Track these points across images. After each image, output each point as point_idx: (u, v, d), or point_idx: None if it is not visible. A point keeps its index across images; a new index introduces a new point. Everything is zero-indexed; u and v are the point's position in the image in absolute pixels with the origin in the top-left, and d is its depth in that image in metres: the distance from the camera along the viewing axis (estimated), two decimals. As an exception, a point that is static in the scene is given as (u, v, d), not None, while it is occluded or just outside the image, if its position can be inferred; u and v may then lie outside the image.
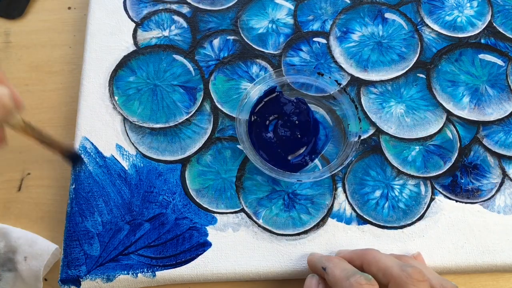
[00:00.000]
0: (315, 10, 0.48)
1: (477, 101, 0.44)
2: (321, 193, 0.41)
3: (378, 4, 0.48)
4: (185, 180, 0.41)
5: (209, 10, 0.48)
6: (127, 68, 0.45)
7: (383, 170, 0.41)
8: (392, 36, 0.47)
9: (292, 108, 0.42)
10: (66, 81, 0.46)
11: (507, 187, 0.41)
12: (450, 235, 0.39)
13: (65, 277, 0.37)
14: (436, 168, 0.42)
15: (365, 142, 0.42)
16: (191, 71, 0.45)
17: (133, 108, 0.43)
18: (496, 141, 0.43)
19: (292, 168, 0.40)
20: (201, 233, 0.39)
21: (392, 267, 0.31)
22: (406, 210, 0.40)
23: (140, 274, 0.38)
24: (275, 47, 0.46)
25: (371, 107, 0.44)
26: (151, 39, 0.46)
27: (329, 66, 0.45)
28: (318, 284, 0.34)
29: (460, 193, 0.41)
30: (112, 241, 0.38)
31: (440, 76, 0.45)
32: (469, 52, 0.46)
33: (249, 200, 0.40)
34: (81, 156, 0.41)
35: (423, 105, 0.44)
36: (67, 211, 0.39)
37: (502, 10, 0.48)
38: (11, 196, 0.42)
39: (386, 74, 0.45)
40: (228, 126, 0.43)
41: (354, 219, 0.40)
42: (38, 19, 0.49)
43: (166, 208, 0.40)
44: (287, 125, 0.41)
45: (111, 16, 0.47)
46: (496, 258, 0.39)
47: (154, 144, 0.42)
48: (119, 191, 0.40)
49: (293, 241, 0.39)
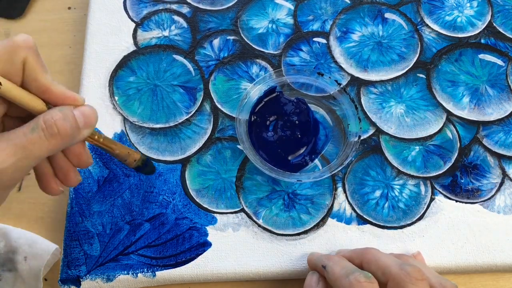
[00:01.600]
0: (315, 10, 0.48)
1: (477, 101, 0.44)
2: (321, 193, 0.41)
3: (378, 4, 0.48)
4: (185, 180, 0.41)
5: (209, 10, 0.48)
6: (127, 68, 0.45)
7: (383, 170, 0.41)
8: (392, 36, 0.47)
9: (292, 108, 0.42)
10: (66, 81, 0.46)
11: (507, 187, 0.41)
12: (450, 235, 0.39)
13: (65, 277, 0.37)
14: (436, 168, 0.42)
15: (365, 142, 0.42)
16: (191, 71, 0.45)
17: (133, 108, 0.43)
18: (496, 141, 0.43)
19: (292, 168, 0.40)
20: (201, 233, 0.39)
21: (391, 266, 0.31)
22: (406, 210, 0.40)
23: (140, 274, 0.38)
24: (275, 47, 0.46)
25: (371, 107, 0.44)
26: (151, 39, 0.46)
27: (329, 66, 0.45)
28: (318, 281, 0.34)
29: (460, 193, 0.41)
30: (112, 241, 0.38)
31: (440, 76, 0.45)
32: (469, 52, 0.46)
33: (249, 200, 0.40)
34: (152, 163, 0.38)
35: (423, 105, 0.44)
36: (67, 211, 0.39)
37: (502, 10, 0.48)
38: (11, 196, 0.42)
39: (386, 74, 0.45)
40: (228, 126, 0.43)
41: (354, 219, 0.40)
42: (38, 19, 0.49)
43: (166, 208, 0.40)
44: (287, 125, 0.41)
45: (111, 16, 0.47)
46: (496, 258, 0.39)
47: (154, 144, 0.42)
48: (119, 191, 0.40)
49: (293, 241, 0.39)
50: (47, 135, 0.28)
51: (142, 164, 0.36)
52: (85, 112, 0.30)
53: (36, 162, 0.28)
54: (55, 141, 0.28)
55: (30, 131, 0.27)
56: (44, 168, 0.31)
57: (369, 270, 0.32)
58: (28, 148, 0.27)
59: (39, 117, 0.28)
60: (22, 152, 0.27)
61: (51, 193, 0.32)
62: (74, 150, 0.32)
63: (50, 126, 0.28)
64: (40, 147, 0.27)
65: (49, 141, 0.28)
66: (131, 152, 0.35)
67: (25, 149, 0.27)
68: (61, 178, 0.32)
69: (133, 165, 0.36)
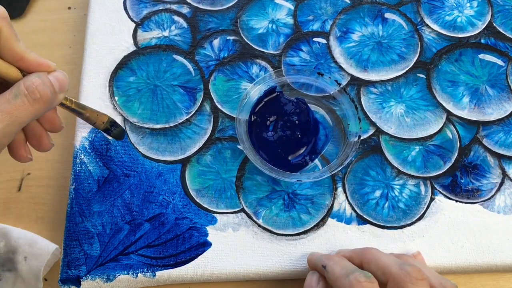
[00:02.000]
0: (315, 10, 0.48)
1: (477, 101, 0.44)
2: (321, 193, 0.41)
3: (378, 4, 0.48)
4: (185, 180, 0.41)
5: (209, 10, 0.48)
6: (127, 68, 0.45)
7: (383, 170, 0.41)
8: (392, 36, 0.47)
9: (292, 108, 0.42)
10: (66, 81, 0.46)
11: (507, 187, 0.41)
12: (450, 235, 0.39)
13: (65, 277, 0.37)
14: (436, 168, 0.42)
15: (365, 142, 0.42)
16: (191, 72, 0.45)
17: (133, 109, 0.43)
18: (496, 141, 0.43)
19: (292, 168, 0.40)
20: (201, 233, 0.39)
21: (391, 266, 0.31)
22: (406, 210, 0.40)
23: (140, 274, 0.38)
24: (275, 47, 0.46)
25: (371, 107, 0.44)
26: (151, 39, 0.46)
27: (329, 66, 0.45)
28: (318, 281, 0.34)
29: (460, 193, 0.41)
30: (112, 241, 0.38)
31: (440, 76, 0.45)
32: (469, 52, 0.46)
33: (249, 200, 0.40)
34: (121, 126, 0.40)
35: (423, 105, 0.44)
36: (67, 211, 0.39)
37: (502, 10, 0.48)
38: (11, 196, 0.42)
39: (386, 74, 0.45)
40: (228, 126, 0.43)
41: (354, 219, 0.40)
42: (38, 19, 0.49)
43: (166, 208, 0.40)
44: (287, 125, 0.41)
45: (111, 16, 0.47)
46: (496, 258, 0.39)
47: (154, 144, 0.42)
48: (119, 191, 0.40)
49: (293, 241, 0.39)
50: (30, 100, 0.29)
51: (111, 126, 0.39)
52: (59, 77, 0.32)
53: (20, 128, 0.30)
54: (38, 106, 0.30)
55: (13, 97, 0.29)
56: (17, 135, 0.33)
57: (369, 270, 0.32)
58: (13, 114, 0.29)
59: (20, 83, 0.29)
60: (8, 119, 0.28)
61: (21, 160, 0.33)
62: (48, 116, 0.34)
63: (32, 92, 0.29)
64: (25, 112, 0.29)
65: (32, 106, 0.29)
66: (100, 115, 0.38)
67: (11, 115, 0.28)
68: (34, 144, 0.34)
69: (102, 127, 0.38)
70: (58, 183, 0.42)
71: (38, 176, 0.43)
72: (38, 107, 0.30)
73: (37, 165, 0.43)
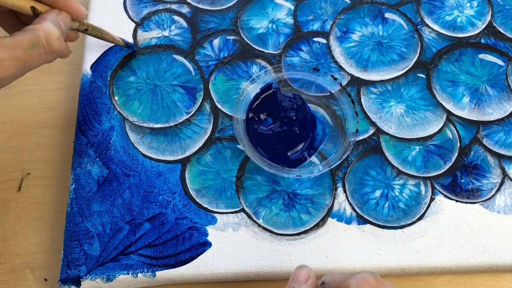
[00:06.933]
0: (315, 10, 0.48)
1: (477, 101, 0.44)
2: (321, 193, 0.41)
3: (378, 4, 0.48)
4: (185, 180, 0.41)
5: (209, 10, 0.48)
6: (127, 68, 0.45)
7: (383, 170, 0.41)
8: (392, 36, 0.47)
9: (289, 104, 0.42)
10: (66, 81, 0.46)
11: (507, 187, 0.41)
12: (450, 235, 0.39)
13: (65, 277, 0.37)
14: (436, 168, 0.42)
15: (365, 142, 0.42)
16: (191, 71, 0.45)
17: (133, 108, 0.43)
18: (496, 141, 0.43)
19: (291, 164, 0.40)
20: (201, 233, 0.39)
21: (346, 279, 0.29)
22: (406, 210, 0.40)
23: (140, 274, 0.38)
24: (275, 47, 0.46)
25: (371, 107, 0.44)
26: (151, 39, 0.46)
27: (329, 66, 0.45)
28: (308, 275, 0.31)
29: (460, 193, 0.41)
30: (112, 241, 0.38)
31: (440, 76, 0.45)
32: (469, 52, 0.46)
33: (249, 200, 0.40)
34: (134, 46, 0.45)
35: (423, 105, 0.44)
36: (67, 211, 0.39)
37: (502, 10, 0.48)
38: (11, 196, 0.42)
39: (386, 74, 0.45)
40: (228, 126, 0.43)
41: (354, 219, 0.40)
42: (38, 19, 0.49)
43: (166, 208, 0.40)
44: (284, 121, 0.42)
45: (111, 16, 0.47)
46: (496, 258, 0.38)
47: (154, 144, 0.42)
48: (119, 191, 0.40)
49: (293, 241, 0.39)
50: (47, 51, 0.31)
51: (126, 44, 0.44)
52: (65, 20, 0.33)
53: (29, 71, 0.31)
54: (52, 56, 0.32)
55: (31, 47, 0.30)
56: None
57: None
58: (28, 62, 0.30)
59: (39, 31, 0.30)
60: (22, 65, 0.30)
61: None
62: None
63: (51, 45, 0.31)
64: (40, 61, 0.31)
65: (47, 56, 0.31)
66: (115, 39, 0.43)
67: (25, 63, 0.30)
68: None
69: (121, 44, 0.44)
70: (58, 183, 0.42)
71: (38, 176, 0.43)
72: (53, 57, 0.31)
73: (37, 165, 0.43)
